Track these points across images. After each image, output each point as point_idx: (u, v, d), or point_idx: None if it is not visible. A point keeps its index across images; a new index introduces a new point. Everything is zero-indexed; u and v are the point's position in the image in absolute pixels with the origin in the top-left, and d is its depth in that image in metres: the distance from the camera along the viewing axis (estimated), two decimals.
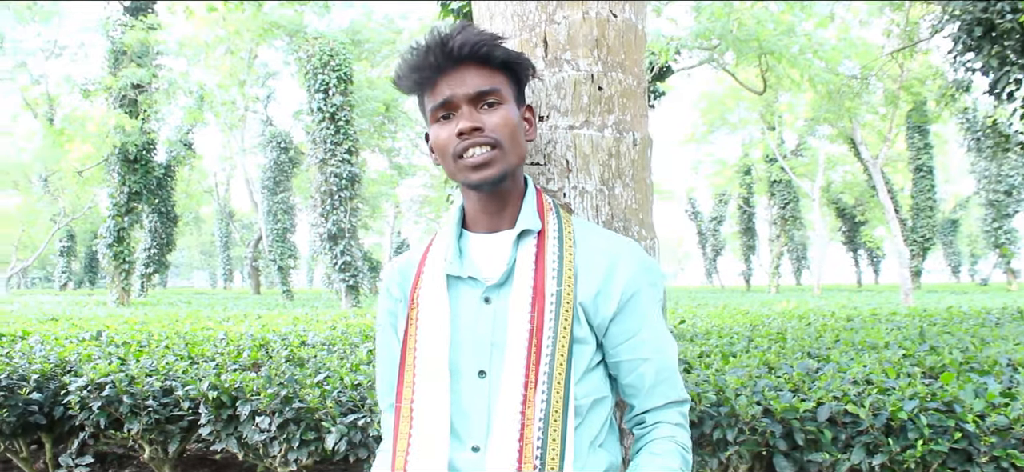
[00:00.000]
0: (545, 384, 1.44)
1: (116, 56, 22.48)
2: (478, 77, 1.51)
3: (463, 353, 1.52)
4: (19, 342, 6.04)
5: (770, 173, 37.57)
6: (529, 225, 1.55)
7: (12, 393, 4.40)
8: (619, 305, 1.53)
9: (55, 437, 4.79)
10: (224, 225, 57.40)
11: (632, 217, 1.76)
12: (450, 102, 1.51)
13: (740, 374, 3.95)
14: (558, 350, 1.46)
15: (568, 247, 1.54)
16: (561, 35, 1.73)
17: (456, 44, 1.48)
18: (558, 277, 1.50)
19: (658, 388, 1.57)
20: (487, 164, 1.49)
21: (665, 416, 1.57)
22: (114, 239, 23.62)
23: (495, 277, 1.53)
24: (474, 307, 1.53)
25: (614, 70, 1.75)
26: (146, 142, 23.11)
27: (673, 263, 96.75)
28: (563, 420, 1.44)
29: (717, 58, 17.93)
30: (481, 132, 1.49)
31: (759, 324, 8.50)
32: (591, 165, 1.72)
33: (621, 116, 1.75)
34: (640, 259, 1.58)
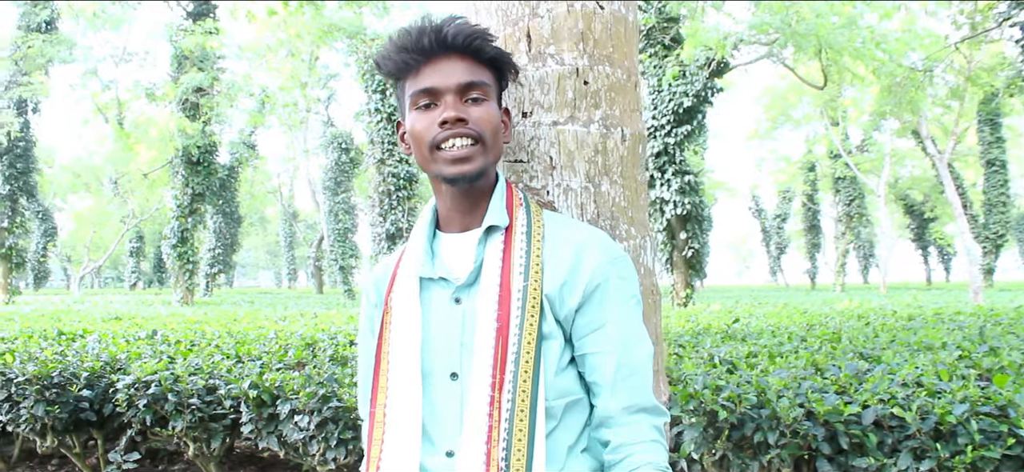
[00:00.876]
0: (511, 383, 1.38)
1: (179, 61, 22.99)
2: (467, 69, 1.47)
3: (435, 356, 1.47)
4: (78, 340, 6.19)
5: (834, 169, 36.88)
6: (495, 221, 1.49)
7: (64, 390, 4.50)
8: (584, 296, 1.46)
9: (106, 434, 4.89)
10: (288, 225, 58.31)
11: (620, 215, 1.70)
12: (435, 90, 1.46)
13: (784, 375, 3.85)
14: (524, 347, 1.40)
15: (536, 241, 1.48)
16: (545, 28, 1.68)
17: (450, 32, 1.45)
18: (525, 272, 1.45)
19: (620, 385, 1.44)
20: (467, 159, 1.44)
21: (635, 431, 1.44)
22: (178, 239, 24.17)
23: (464, 277, 1.49)
24: (445, 308, 1.49)
25: (601, 63, 1.69)
26: (208, 145, 23.58)
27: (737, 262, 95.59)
28: (531, 420, 1.38)
29: (776, 53, 17.60)
30: (465, 124, 1.44)
31: (816, 324, 8.32)
32: (576, 162, 1.67)
33: (609, 111, 1.69)
34: (608, 249, 1.51)
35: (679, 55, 16.03)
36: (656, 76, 16.87)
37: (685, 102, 16.39)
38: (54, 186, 43.69)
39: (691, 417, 3.53)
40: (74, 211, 52.61)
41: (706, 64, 15.98)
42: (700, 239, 17.53)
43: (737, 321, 8.57)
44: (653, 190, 17.24)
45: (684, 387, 3.66)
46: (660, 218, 17.45)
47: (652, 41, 16.91)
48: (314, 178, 37.93)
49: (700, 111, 16.67)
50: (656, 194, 17.20)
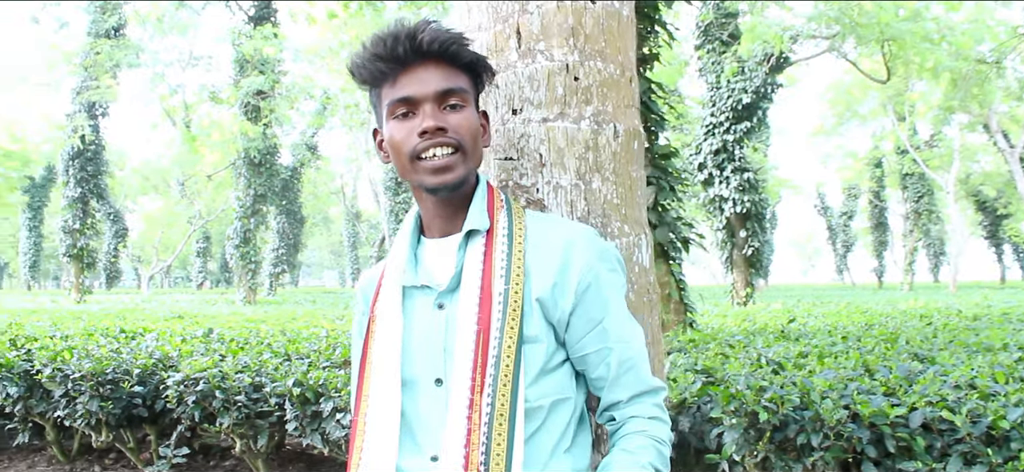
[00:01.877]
0: (491, 386, 1.38)
1: (241, 65, 23.42)
2: (444, 76, 1.44)
3: (419, 362, 1.47)
4: (137, 339, 6.34)
5: (902, 165, 36.00)
6: (476, 225, 1.48)
7: (117, 386, 4.61)
8: (577, 295, 1.45)
9: (158, 429, 5.00)
10: (351, 225, 59.02)
11: (613, 212, 1.67)
12: (412, 99, 1.44)
13: (830, 376, 3.77)
14: (504, 351, 1.39)
15: (517, 243, 1.47)
16: (534, 25, 1.65)
17: (426, 38, 1.42)
18: (506, 275, 1.44)
19: (623, 378, 1.47)
20: (448, 168, 1.43)
21: (637, 409, 1.48)
22: (241, 240, 24.62)
23: (446, 283, 1.48)
24: (428, 315, 1.48)
25: (592, 59, 1.66)
26: (269, 147, 23.96)
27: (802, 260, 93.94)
28: (510, 423, 1.37)
29: (837, 46, 17.23)
30: (444, 133, 1.42)
31: (874, 323, 8.13)
32: (566, 159, 1.64)
33: (601, 107, 1.66)
34: (595, 245, 1.49)
35: (736, 51, 15.80)
36: (714, 72, 16.66)
37: (744, 98, 16.15)
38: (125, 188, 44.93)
39: (732, 418, 3.47)
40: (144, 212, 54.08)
41: (765, 60, 15.72)
42: (760, 237, 17.25)
43: (792, 320, 8.43)
44: (712, 188, 17.03)
45: (726, 388, 3.60)
46: (719, 216, 17.23)
47: (710, 37, 16.71)
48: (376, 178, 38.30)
49: (759, 107, 16.41)
50: (715, 192, 16.99)
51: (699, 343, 5.63)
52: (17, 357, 5.02)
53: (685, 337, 6.16)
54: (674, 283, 7.23)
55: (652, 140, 7.02)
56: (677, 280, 7.30)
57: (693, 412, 3.76)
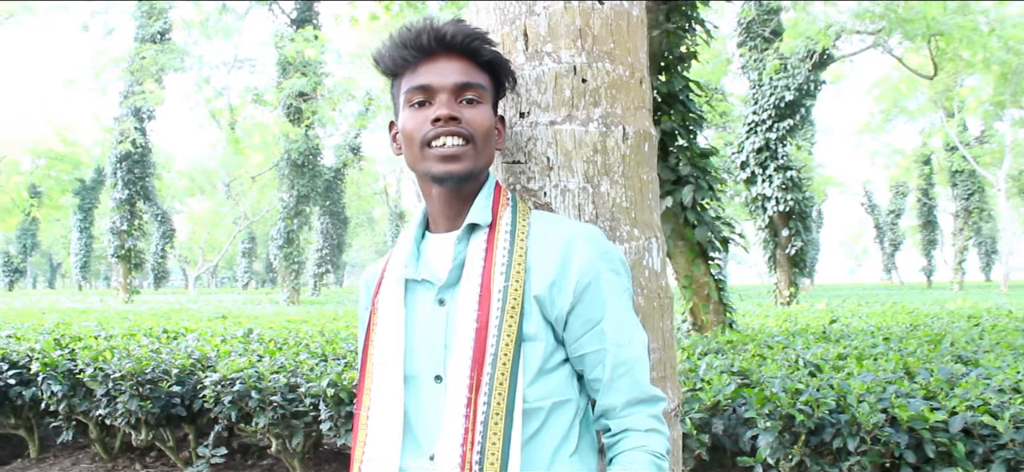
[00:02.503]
0: (487, 385, 1.36)
1: (283, 67, 23.67)
2: (463, 69, 1.46)
3: (420, 358, 1.46)
4: (179, 338, 6.43)
5: (951, 162, 35.32)
6: (477, 219, 1.47)
7: (156, 386, 4.68)
8: (575, 294, 1.43)
9: (197, 428, 5.06)
10: (394, 226, 59.35)
11: (622, 216, 1.64)
12: (430, 88, 1.45)
13: (869, 378, 3.71)
14: (502, 349, 1.38)
15: (520, 241, 1.46)
16: (541, 26, 1.64)
17: (449, 31, 1.44)
18: (506, 272, 1.42)
19: (617, 382, 1.44)
20: (456, 158, 1.42)
21: (633, 421, 1.44)
22: (284, 240, 24.89)
23: (446, 276, 1.47)
24: (429, 310, 1.48)
25: (600, 60, 1.63)
26: (311, 148, 24.18)
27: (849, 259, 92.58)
28: (507, 423, 1.36)
29: (882, 42, 16.93)
30: (457, 123, 1.42)
31: (920, 324, 7.98)
32: (574, 162, 1.62)
33: (609, 109, 1.63)
34: (597, 244, 1.47)
35: (779, 48, 15.60)
36: (756, 70, 16.47)
37: (787, 96, 15.93)
38: (172, 190, 45.69)
39: (766, 421, 3.42)
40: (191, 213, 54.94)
41: (808, 56, 15.49)
42: (804, 236, 16.99)
43: (834, 321, 8.29)
44: (754, 186, 16.82)
45: (760, 390, 3.55)
46: (762, 215, 17.01)
47: (752, 34, 16.51)
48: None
49: (802, 105, 16.17)
50: (757, 190, 16.77)
51: (737, 344, 5.57)
52: (61, 356, 5.12)
53: (723, 338, 6.10)
54: (713, 283, 7.17)
55: (690, 139, 6.97)
56: (716, 280, 7.23)
57: (728, 414, 3.72)
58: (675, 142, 6.95)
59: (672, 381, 1.72)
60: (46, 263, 79.68)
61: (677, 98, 6.86)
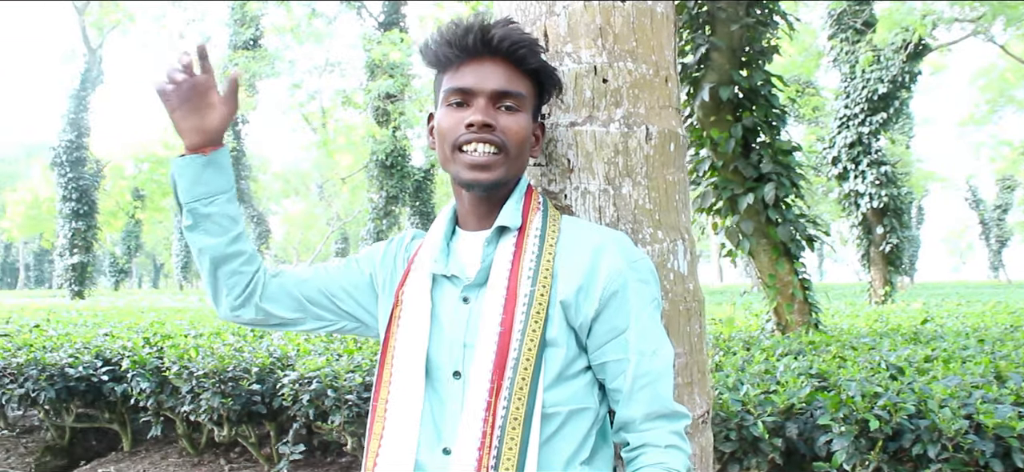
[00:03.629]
0: (507, 389, 1.36)
1: (371, 69, 24.04)
2: (506, 75, 1.44)
3: (441, 353, 1.46)
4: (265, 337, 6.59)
5: None
6: (506, 222, 1.47)
7: (237, 384, 4.80)
8: (601, 302, 1.41)
9: (278, 426, 5.18)
10: None
11: (645, 218, 1.60)
12: (469, 90, 1.43)
13: (954, 382, 3.56)
14: (524, 353, 1.37)
15: (548, 246, 1.45)
16: (561, 27, 1.61)
17: (496, 35, 1.42)
18: (533, 277, 1.41)
19: (638, 394, 1.41)
20: (487, 167, 1.42)
21: (651, 436, 1.40)
22: (374, 240, 25.28)
23: (474, 276, 1.47)
24: (453, 306, 1.48)
25: (622, 60, 1.59)
26: (399, 149, 24.50)
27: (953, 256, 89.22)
28: (525, 427, 1.35)
29: (983, 29, 16.22)
30: (491, 131, 1.41)
31: (1021, 325, 7.61)
32: (594, 163, 1.59)
33: (631, 109, 1.59)
34: (626, 252, 1.45)
35: (871, 40, 15.09)
36: (848, 63, 15.98)
37: (880, 88, 15.39)
38: (268, 192, 46.98)
39: (841, 425, 3.31)
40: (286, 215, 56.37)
41: (902, 47, 14.94)
42: (899, 233, 16.39)
43: (926, 321, 7.99)
44: (846, 182, 16.31)
45: (836, 393, 3.45)
46: (854, 212, 16.49)
47: (842, 26, 16.02)
48: None
49: (897, 97, 15.60)
50: (850, 186, 16.26)
51: (819, 345, 5.41)
52: (150, 354, 5.31)
53: (805, 339, 5.93)
54: (797, 282, 6.98)
55: (772, 135, 6.81)
56: (801, 279, 7.04)
57: (804, 418, 3.61)
58: (757, 138, 6.80)
59: (700, 387, 1.68)
60: (150, 264, 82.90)
61: (759, 93, 6.71)
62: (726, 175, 6.84)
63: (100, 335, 6.48)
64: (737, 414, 3.49)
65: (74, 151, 29.07)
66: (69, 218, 29.50)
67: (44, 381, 5.26)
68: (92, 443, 6.14)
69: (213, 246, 1.56)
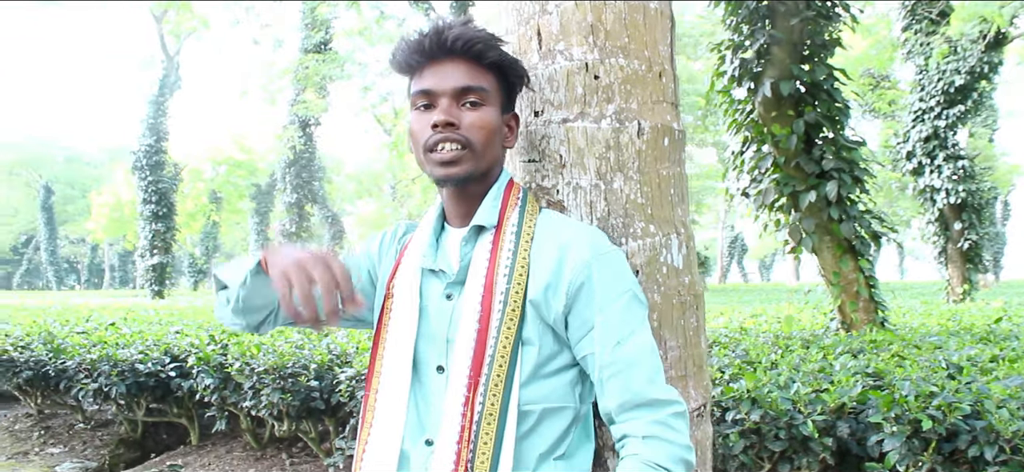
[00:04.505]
0: (483, 385, 1.39)
1: None
2: (465, 73, 1.48)
3: (428, 347, 1.51)
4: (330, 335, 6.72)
5: None
6: (482, 221, 1.51)
7: (296, 380, 4.92)
8: (569, 296, 1.43)
9: (337, 421, 5.28)
10: None
11: (636, 212, 1.61)
12: (432, 92, 1.48)
13: (1015, 382, 3.46)
14: (499, 350, 1.40)
15: (524, 243, 1.47)
16: (553, 25, 1.63)
17: (450, 36, 1.46)
18: (509, 275, 1.45)
19: (607, 385, 1.41)
20: (454, 162, 1.46)
21: (630, 427, 1.38)
22: None
23: (456, 273, 1.52)
24: (438, 302, 1.52)
25: (613, 56, 1.61)
26: None
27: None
28: (499, 424, 1.38)
29: None
30: (454, 129, 1.45)
31: None
32: (586, 159, 1.61)
33: (623, 104, 1.60)
34: (592, 246, 1.46)
35: (945, 31, 14.63)
36: (923, 54, 15.51)
37: (956, 80, 14.90)
38: (341, 193, 47.72)
39: (893, 425, 3.25)
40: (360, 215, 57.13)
41: (980, 37, 14.45)
42: (979, 230, 15.85)
43: (999, 320, 7.73)
44: (921, 177, 15.84)
45: (888, 393, 3.38)
46: (930, 208, 16.01)
47: (917, 17, 15.55)
48: None
49: (975, 88, 15.07)
50: (925, 182, 15.78)
51: (881, 344, 5.29)
52: (214, 351, 5.47)
53: (867, 337, 5.80)
54: (863, 280, 6.82)
55: (836, 131, 6.67)
56: (866, 276, 6.88)
57: (856, 417, 3.54)
58: (820, 134, 6.68)
59: (695, 380, 1.67)
60: None
61: (821, 88, 6.59)
62: (788, 171, 6.74)
63: (171, 333, 6.70)
64: (786, 413, 3.45)
65: (153, 155, 29.99)
66: (149, 220, 30.44)
67: (115, 376, 5.47)
68: (163, 437, 6.35)
69: (245, 320, 1.61)
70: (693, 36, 30.19)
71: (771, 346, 5.37)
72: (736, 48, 6.92)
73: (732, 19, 6.98)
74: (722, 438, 3.49)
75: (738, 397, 3.54)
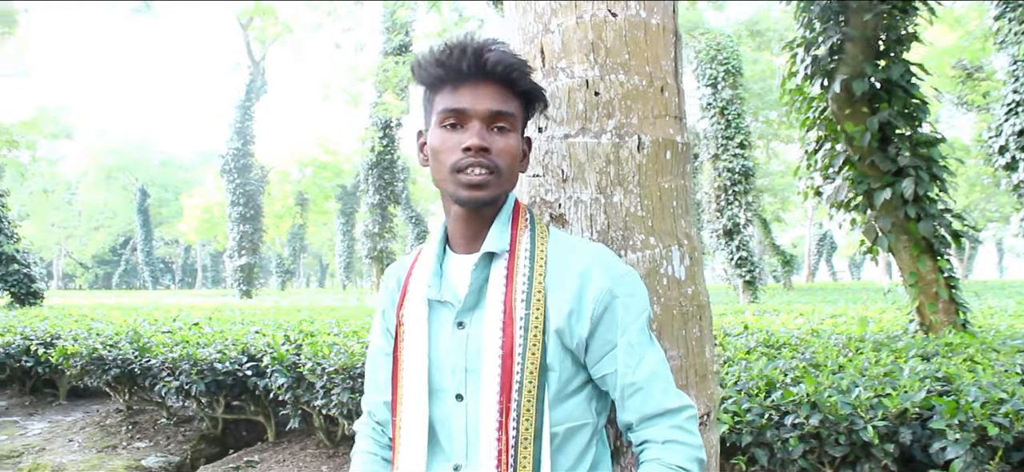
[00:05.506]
0: (515, 411, 1.43)
1: None
2: (499, 98, 1.48)
3: (443, 376, 1.54)
4: None
5: None
6: (493, 247, 1.52)
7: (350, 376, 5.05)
8: (593, 322, 1.47)
9: None
10: None
11: (636, 225, 1.64)
12: (464, 112, 1.47)
13: None
14: (527, 377, 1.44)
15: (539, 267, 1.50)
16: (556, 44, 1.67)
17: (490, 59, 1.45)
18: (527, 301, 1.47)
19: (628, 402, 1.48)
20: (482, 186, 1.46)
21: (650, 433, 1.47)
22: None
23: (464, 300, 1.53)
24: (449, 332, 1.54)
25: (614, 72, 1.64)
26: None
27: None
28: (536, 446, 1.43)
29: None
30: (487, 154, 1.46)
31: None
32: (587, 173, 1.64)
33: (624, 120, 1.64)
34: (612, 271, 1.49)
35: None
36: (1017, 44, 14.89)
37: None
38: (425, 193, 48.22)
39: (957, 432, 3.17)
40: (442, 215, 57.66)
41: None
42: None
43: None
44: (1015, 173, 15.20)
45: (953, 399, 3.30)
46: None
47: (1011, 5, 14.94)
48: None
49: None
50: (1019, 177, 15.14)
51: (958, 347, 5.14)
52: (288, 351, 5.63)
53: (943, 339, 5.64)
54: (942, 280, 6.62)
55: (914, 127, 6.49)
56: (946, 276, 6.67)
57: (922, 422, 3.46)
58: (895, 131, 6.50)
59: (698, 389, 1.69)
60: (317, 264, 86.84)
61: (897, 84, 6.42)
62: (862, 169, 6.59)
63: (251, 333, 6.92)
64: (847, 417, 3.39)
65: (240, 158, 30.87)
66: (237, 222, 31.33)
67: (195, 375, 5.68)
68: (243, 433, 6.56)
69: None
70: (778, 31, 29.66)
71: (841, 349, 5.27)
72: (808, 45, 6.80)
73: (804, 16, 6.87)
74: (781, 442, 3.46)
75: (797, 401, 3.51)
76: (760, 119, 33.92)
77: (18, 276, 16.24)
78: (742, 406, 3.58)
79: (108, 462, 5.70)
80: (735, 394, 3.72)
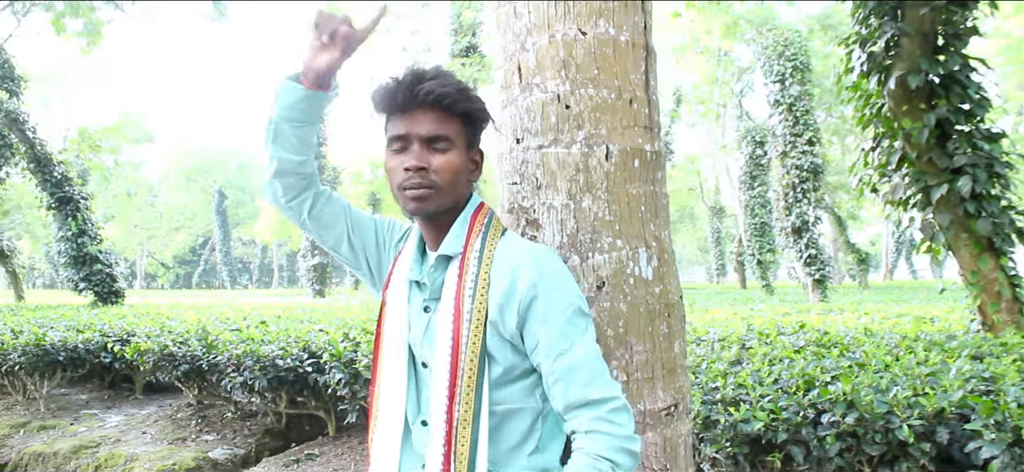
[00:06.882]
0: (458, 394, 1.62)
1: None
2: (434, 122, 1.66)
3: (415, 346, 1.77)
4: None
5: None
6: (448, 250, 1.72)
7: None
8: (520, 314, 1.62)
9: None
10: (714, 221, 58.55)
11: (604, 228, 1.76)
12: (405, 136, 1.67)
13: None
14: (468, 364, 1.62)
15: (485, 265, 1.67)
16: (531, 61, 1.80)
17: (422, 90, 1.64)
18: (473, 295, 1.65)
19: (553, 390, 1.61)
20: (423, 199, 1.67)
21: (575, 423, 1.58)
22: None
23: (430, 292, 1.75)
24: (419, 310, 1.76)
25: (584, 87, 1.76)
26: None
27: None
28: (474, 427, 1.61)
29: None
30: (424, 172, 1.65)
31: None
32: (558, 181, 1.78)
33: (593, 131, 1.76)
34: (540, 265, 1.63)
35: None
36: None
37: None
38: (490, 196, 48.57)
39: (993, 432, 3.17)
40: None
41: None
42: None
43: None
44: None
45: (990, 400, 3.29)
46: None
47: None
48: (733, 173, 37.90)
49: None
50: None
51: (1013, 348, 5.05)
52: (346, 348, 5.82)
53: (1000, 339, 5.54)
54: (1004, 279, 6.48)
55: (972, 122, 6.37)
56: (1009, 275, 6.53)
57: (958, 423, 3.44)
58: (954, 127, 6.38)
59: (665, 382, 1.79)
60: None
61: (955, 79, 6.31)
62: (920, 166, 6.50)
63: (314, 330, 7.14)
64: (883, 416, 3.40)
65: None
66: None
67: (258, 371, 5.91)
68: (305, 428, 6.78)
69: (283, 158, 1.80)
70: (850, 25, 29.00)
71: (892, 349, 5.22)
72: (863, 41, 6.73)
73: (860, 13, 6.79)
74: (817, 440, 3.48)
75: (834, 399, 3.53)
76: (835, 115, 33.31)
77: (101, 276, 16.93)
78: (779, 403, 3.61)
79: (177, 454, 5.96)
80: (773, 391, 3.75)
